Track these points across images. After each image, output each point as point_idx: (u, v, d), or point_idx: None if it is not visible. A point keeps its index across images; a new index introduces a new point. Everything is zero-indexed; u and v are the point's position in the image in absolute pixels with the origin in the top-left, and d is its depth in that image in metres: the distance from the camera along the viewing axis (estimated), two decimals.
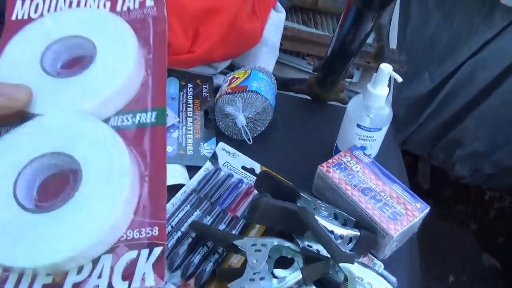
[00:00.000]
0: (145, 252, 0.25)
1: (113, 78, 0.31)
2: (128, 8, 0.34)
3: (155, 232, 0.27)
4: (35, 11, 0.31)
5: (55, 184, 0.27)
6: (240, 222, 0.51)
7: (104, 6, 0.33)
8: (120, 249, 0.25)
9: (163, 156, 0.29)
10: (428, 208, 0.51)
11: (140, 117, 0.30)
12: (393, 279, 0.48)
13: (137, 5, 0.34)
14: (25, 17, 0.31)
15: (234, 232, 0.50)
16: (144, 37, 0.33)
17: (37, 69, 0.30)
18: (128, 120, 0.30)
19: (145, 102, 0.31)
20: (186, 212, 0.52)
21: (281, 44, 0.79)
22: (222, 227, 0.51)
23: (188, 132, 0.62)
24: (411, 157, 1.55)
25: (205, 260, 0.47)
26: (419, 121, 1.40)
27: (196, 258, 0.47)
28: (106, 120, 0.29)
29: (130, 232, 0.26)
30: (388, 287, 0.40)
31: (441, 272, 1.33)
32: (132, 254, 0.25)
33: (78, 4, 0.33)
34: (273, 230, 0.50)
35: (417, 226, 0.53)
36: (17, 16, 0.31)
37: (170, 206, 0.53)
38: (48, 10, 0.31)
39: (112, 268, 0.24)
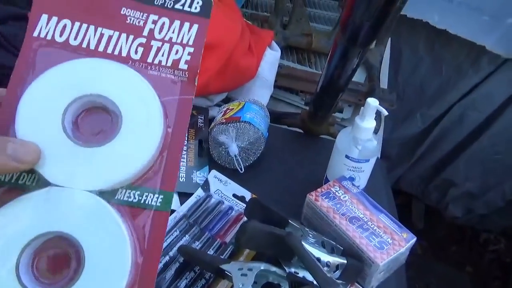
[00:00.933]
0: None
1: (139, 155, 0.27)
2: (160, 63, 0.29)
3: None
4: (61, 35, 0.28)
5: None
6: (229, 249, 0.51)
7: (136, 52, 0.29)
8: None
9: (160, 244, 0.27)
10: (415, 239, 0.52)
11: (146, 196, 0.27)
12: None
13: (169, 63, 0.29)
14: (49, 37, 0.28)
15: (222, 257, 0.50)
16: (168, 106, 0.29)
17: (58, 129, 0.26)
18: (134, 197, 0.27)
19: (155, 182, 0.28)
20: (175, 237, 0.52)
21: (276, 81, 0.83)
22: (210, 252, 0.51)
23: (181, 160, 0.64)
24: (405, 197, 1.55)
25: (191, 285, 0.47)
26: (412, 161, 1.42)
27: (183, 284, 0.47)
28: (113, 192, 0.27)
29: None
30: None
31: None
32: None
33: (108, 43, 0.29)
34: (262, 257, 0.50)
35: (404, 257, 0.54)
36: (39, 33, 0.28)
37: None
38: (75, 38, 0.28)
39: None
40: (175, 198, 0.59)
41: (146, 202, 0.27)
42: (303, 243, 0.46)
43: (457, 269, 1.45)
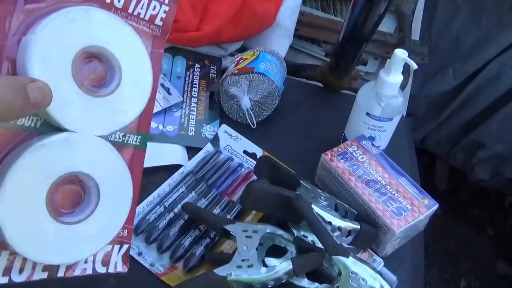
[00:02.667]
0: (117, 247, 0.32)
1: (136, 105, 0.31)
2: (139, 14, 0.30)
3: (125, 233, 0.33)
4: None
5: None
6: (236, 207, 0.49)
7: (119, 0, 0.29)
8: None
9: (139, 178, 0.32)
10: (437, 206, 0.48)
11: (128, 137, 0.32)
12: (393, 277, 0.45)
13: (147, 16, 0.31)
14: None
15: (228, 217, 0.48)
16: None
17: (68, 77, 0.27)
18: (119, 138, 0.31)
19: (134, 124, 0.32)
20: (181, 193, 0.50)
21: (296, 30, 0.77)
22: (217, 211, 0.49)
23: (191, 112, 0.60)
24: (429, 157, 1.49)
25: (195, 243, 0.46)
26: (440, 120, 1.34)
27: (187, 241, 0.45)
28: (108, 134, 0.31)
29: None
30: (384, 285, 0.38)
31: (452, 276, 1.28)
32: (108, 247, 0.32)
33: None
34: (270, 218, 0.47)
35: (423, 224, 0.50)
36: None
37: (165, 187, 0.51)
38: None
39: (94, 257, 0.32)
40: (183, 152, 0.56)
41: (128, 142, 0.32)
42: (313, 206, 0.43)
43: (477, 232, 1.41)
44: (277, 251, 0.43)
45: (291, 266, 0.38)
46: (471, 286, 1.27)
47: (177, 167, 0.54)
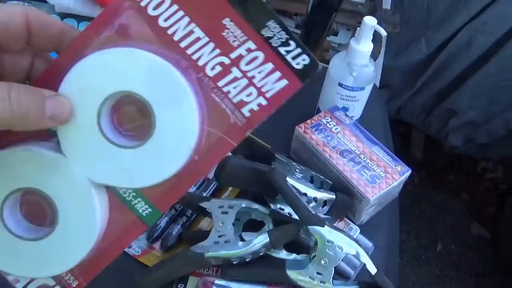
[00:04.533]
0: None
1: (164, 169, 0.25)
2: (228, 92, 0.25)
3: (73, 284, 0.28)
4: (155, 8, 0.24)
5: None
6: (212, 185, 0.49)
7: (213, 68, 0.25)
8: None
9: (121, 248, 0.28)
10: (409, 171, 0.49)
11: (138, 202, 0.27)
12: (369, 244, 0.46)
13: (236, 99, 0.25)
14: (143, 3, 0.24)
15: (205, 194, 0.48)
16: (207, 137, 0.26)
17: (94, 123, 0.24)
18: (128, 195, 0.27)
19: (152, 193, 0.26)
20: None
21: (267, 2, 0.75)
22: (192, 189, 0.48)
23: None
24: (405, 127, 1.52)
25: (172, 223, 0.45)
26: (414, 89, 1.36)
27: (163, 221, 0.45)
28: None
29: None
30: (359, 250, 0.38)
31: (429, 241, 1.33)
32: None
33: (192, 43, 0.24)
34: (247, 194, 0.47)
35: (397, 191, 0.51)
36: None
37: None
38: (165, 20, 0.24)
39: None
40: None
41: (135, 207, 0.26)
42: (288, 178, 0.43)
43: (452, 197, 1.46)
44: (254, 225, 0.43)
45: (268, 239, 0.38)
46: (447, 248, 1.32)
47: None
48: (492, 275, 1.27)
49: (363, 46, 0.50)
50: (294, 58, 0.24)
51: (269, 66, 0.25)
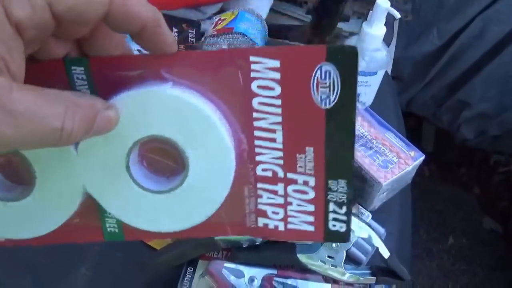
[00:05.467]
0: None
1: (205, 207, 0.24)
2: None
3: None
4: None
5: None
6: None
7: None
8: None
9: None
10: (423, 157, 0.48)
11: None
12: (381, 229, 0.45)
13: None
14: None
15: None
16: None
17: (122, 169, 0.23)
18: None
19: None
20: None
21: None
22: None
23: None
24: (416, 120, 1.50)
25: None
26: (425, 81, 1.34)
27: None
28: None
29: None
30: (371, 234, 0.38)
31: (440, 234, 1.31)
32: None
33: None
34: None
35: (410, 177, 0.50)
36: None
37: None
38: None
39: None
40: None
41: (105, 220, 0.25)
42: None
43: (464, 191, 1.44)
44: None
45: None
46: (459, 242, 1.31)
47: None
48: (504, 269, 1.25)
49: (376, 29, 0.49)
50: (334, 219, 0.24)
51: (310, 208, 0.24)
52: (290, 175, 0.24)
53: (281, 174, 0.24)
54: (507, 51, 1.15)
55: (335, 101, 0.22)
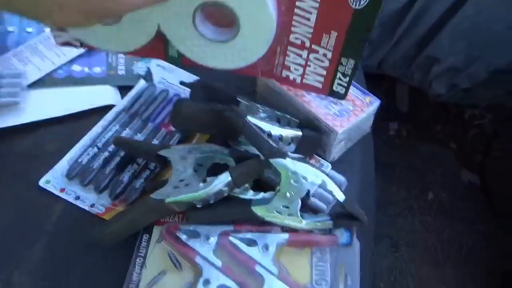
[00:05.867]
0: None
1: (255, 45, 0.34)
2: None
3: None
4: None
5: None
6: (175, 137, 0.47)
7: None
8: None
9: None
10: (379, 102, 0.47)
11: None
12: (342, 178, 0.44)
13: None
14: None
15: None
16: None
17: (190, 30, 0.33)
18: None
19: None
20: (115, 132, 0.47)
21: None
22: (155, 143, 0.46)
23: None
24: (388, 83, 1.50)
25: (135, 178, 0.44)
26: (393, 41, 1.33)
27: (125, 177, 0.43)
28: None
29: None
30: (325, 179, 0.37)
31: (420, 191, 1.33)
32: None
33: None
34: (216, 140, 0.45)
35: (368, 125, 0.50)
36: None
37: (98, 128, 0.48)
38: None
39: None
40: (115, 92, 0.53)
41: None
42: (250, 118, 0.41)
43: (441, 147, 1.46)
44: (220, 170, 0.41)
45: (230, 178, 0.37)
46: (439, 197, 1.33)
47: (110, 108, 0.50)
48: (484, 220, 1.28)
49: None
50: (339, 84, 0.36)
51: (323, 72, 0.35)
52: (314, 47, 0.34)
53: (307, 44, 0.34)
54: (469, 3, 1.15)
55: (364, 4, 0.30)
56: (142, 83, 0.53)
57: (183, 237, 0.37)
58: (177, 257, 0.37)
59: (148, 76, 0.54)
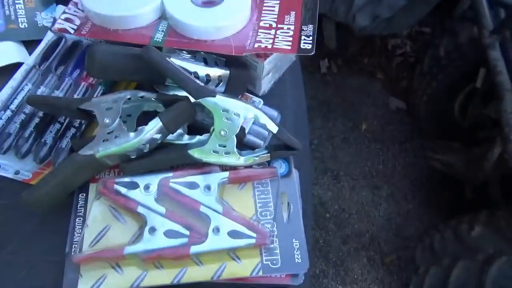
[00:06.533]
0: None
1: (234, 16, 0.43)
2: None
3: None
4: None
5: None
6: (98, 89, 0.44)
7: None
8: None
9: None
10: None
11: None
12: (275, 112, 0.45)
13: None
14: None
15: None
16: None
17: (187, 1, 0.43)
18: None
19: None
20: (28, 91, 0.43)
21: None
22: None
23: (16, 1, 0.50)
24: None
25: (60, 138, 0.41)
26: None
27: (48, 138, 0.40)
28: None
29: None
30: (257, 113, 0.37)
31: (354, 123, 1.40)
32: None
33: None
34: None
35: (293, 54, 0.50)
36: None
37: (7, 90, 0.44)
38: None
39: None
40: (20, 49, 0.47)
41: None
42: (174, 59, 0.39)
43: (369, 78, 1.53)
44: (150, 119, 0.40)
45: (160, 123, 0.35)
46: (372, 126, 1.41)
47: (17, 66, 0.45)
48: (411, 140, 1.39)
49: None
50: (305, 43, 0.41)
51: (289, 38, 0.41)
52: (280, 25, 0.43)
53: (274, 25, 0.43)
54: None
55: None
56: (50, 35, 0.48)
57: (122, 190, 0.36)
58: (119, 211, 0.36)
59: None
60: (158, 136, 0.36)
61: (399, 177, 1.31)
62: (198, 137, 0.39)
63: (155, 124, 0.35)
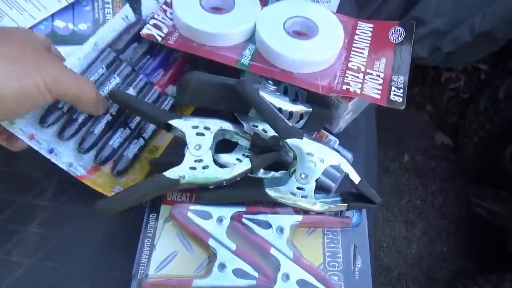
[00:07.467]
0: None
1: (325, 52, 0.42)
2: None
3: None
4: None
5: None
6: (168, 100, 0.44)
7: None
8: None
9: None
10: None
11: None
12: (349, 154, 0.44)
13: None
14: None
15: None
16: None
17: (280, 29, 0.43)
18: None
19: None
20: (102, 75, 0.40)
21: None
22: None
23: (106, 5, 0.50)
24: None
25: (125, 143, 0.41)
26: (379, 1, 1.30)
27: (116, 142, 0.40)
28: None
29: None
30: (341, 160, 0.36)
31: (396, 153, 1.37)
32: None
33: None
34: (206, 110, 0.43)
35: None
36: None
37: (75, 61, 0.40)
38: None
39: None
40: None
41: None
42: (260, 93, 0.38)
43: (417, 109, 1.49)
44: (226, 146, 0.40)
45: (249, 166, 0.35)
46: (414, 158, 1.37)
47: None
48: (454, 180, 1.34)
49: None
50: (395, 95, 0.40)
51: (379, 87, 0.40)
52: (368, 70, 0.42)
53: (363, 69, 0.42)
54: None
55: (401, 40, 0.45)
56: (127, 10, 0.46)
57: (195, 219, 0.36)
58: (187, 238, 0.36)
59: (136, 4, 0.47)
60: (242, 175, 0.36)
61: (436, 216, 1.27)
62: (273, 173, 0.38)
63: (245, 166, 0.35)
